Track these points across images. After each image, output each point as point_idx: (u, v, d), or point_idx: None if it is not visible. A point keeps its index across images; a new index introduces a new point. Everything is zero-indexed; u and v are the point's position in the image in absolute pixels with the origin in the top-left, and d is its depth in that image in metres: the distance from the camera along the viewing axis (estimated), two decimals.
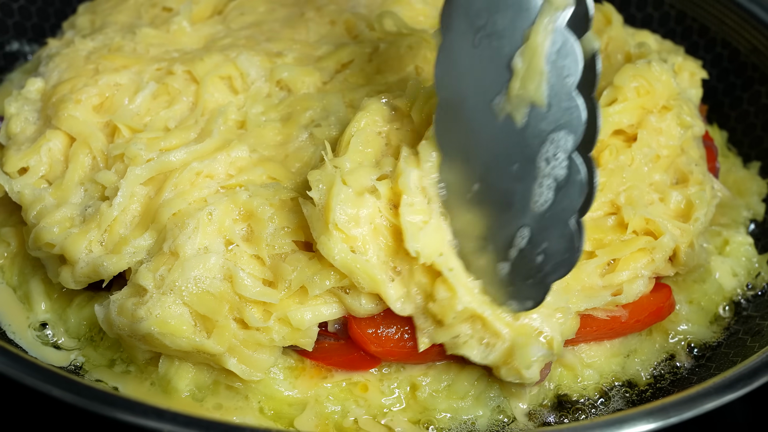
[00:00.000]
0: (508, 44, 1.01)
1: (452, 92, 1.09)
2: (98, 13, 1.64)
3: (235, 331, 1.14)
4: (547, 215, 1.04)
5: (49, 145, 1.33)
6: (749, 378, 1.09)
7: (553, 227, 1.04)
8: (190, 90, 1.39)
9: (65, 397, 1.02)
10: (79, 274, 1.22)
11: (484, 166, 1.08)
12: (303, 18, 1.55)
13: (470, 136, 1.09)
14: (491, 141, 1.06)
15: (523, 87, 1.01)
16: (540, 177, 1.04)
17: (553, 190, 1.03)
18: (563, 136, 1.01)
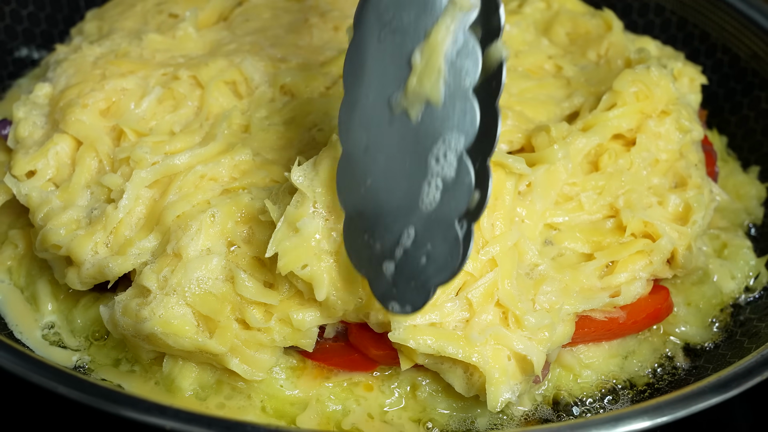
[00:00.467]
0: (411, 41, 1.03)
1: (356, 86, 1.09)
2: (106, 20, 1.67)
3: (237, 331, 1.16)
4: (433, 216, 1.04)
5: (56, 149, 1.35)
6: (743, 378, 1.10)
7: (437, 229, 1.04)
8: (195, 95, 1.41)
9: (71, 394, 1.04)
10: (85, 275, 1.24)
11: (378, 161, 1.08)
12: (307, 24, 1.57)
13: (368, 131, 1.09)
14: (387, 136, 1.07)
15: (420, 83, 1.02)
16: (429, 176, 1.04)
17: (440, 191, 1.03)
18: (455, 136, 1.02)
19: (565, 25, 1.62)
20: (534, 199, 1.28)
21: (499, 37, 1.00)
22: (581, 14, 1.64)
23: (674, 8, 1.81)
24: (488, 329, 1.16)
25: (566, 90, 1.47)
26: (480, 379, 1.15)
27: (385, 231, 1.07)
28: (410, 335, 1.13)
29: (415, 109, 1.04)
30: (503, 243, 1.19)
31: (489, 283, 1.17)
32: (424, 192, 1.04)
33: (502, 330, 1.16)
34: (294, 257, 1.12)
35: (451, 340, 1.14)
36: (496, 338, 1.16)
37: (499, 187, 1.21)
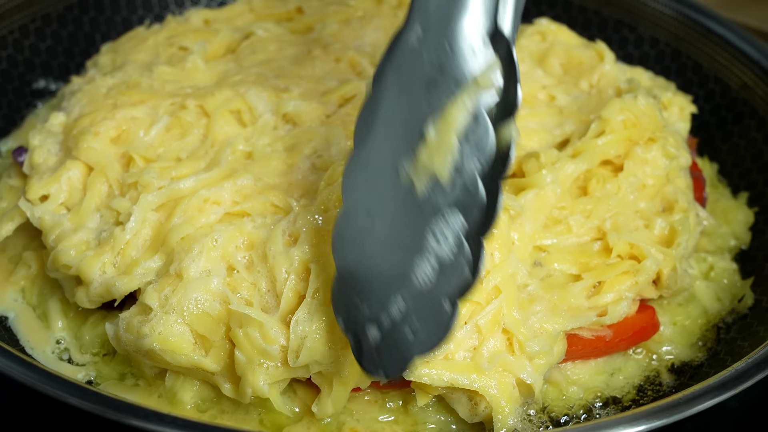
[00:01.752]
0: (426, 110, 1.03)
1: (366, 145, 1.08)
2: (119, 53, 1.74)
3: (230, 351, 1.20)
4: (424, 292, 1.03)
5: (68, 174, 1.41)
6: (720, 389, 1.15)
7: (426, 306, 1.03)
8: (201, 123, 1.47)
9: (80, 404, 1.08)
10: (93, 294, 1.30)
11: (377, 226, 1.07)
12: (310, 56, 1.64)
13: (373, 193, 1.08)
14: (390, 203, 1.06)
15: (430, 158, 1.02)
16: (426, 253, 1.03)
17: (435, 271, 1.02)
18: (456, 216, 1.02)
19: (559, 57, 1.68)
20: (524, 222, 1.34)
21: (512, 116, 1.00)
22: (575, 46, 1.70)
23: (668, 40, 1.87)
24: (496, 357, 1.21)
25: (558, 118, 1.53)
26: (486, 408, 1.21)
27: (374, 296, 1.06)
28: (425, 373, 1.18)
29: (422, 182, 1.03)
30: (504, 272, 1.25)
31: (495, 310, 1.23)
32: (419, 267, 1.03)
33: (508, 357, 1.22)
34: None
35: (463, 372, 1.19)
36: (504, 365, 1.21)
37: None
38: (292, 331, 1.17)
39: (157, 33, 1.75)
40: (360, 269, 1.08)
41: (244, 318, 1.18)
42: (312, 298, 1.18)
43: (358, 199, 1.09)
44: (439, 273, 1.02)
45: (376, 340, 1.06)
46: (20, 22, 1.80)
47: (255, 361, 1.18)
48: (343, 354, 1.17)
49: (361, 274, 1.08)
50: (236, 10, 1.85)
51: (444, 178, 1.02)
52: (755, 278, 1.47)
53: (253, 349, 1.18)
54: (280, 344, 1.18)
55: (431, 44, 1.03)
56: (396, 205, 1.05)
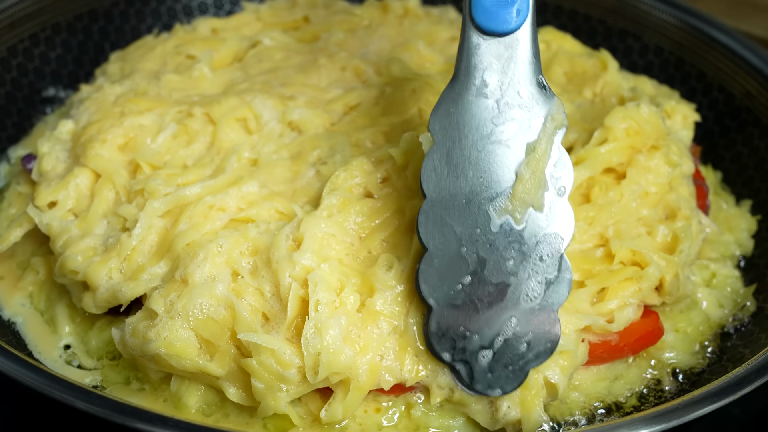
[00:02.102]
0: (513, 153, 1.16)
1: (443, 191, 1.18)
2: (128, 61, 1.76)
3: (235, 356, 1.22)
4: (536, 308, 1.18)
5: (76, 181, 1.43)
6: (719, 395, 1.15)
7: (540, 319, 1.18)
8: (207, 131, 1.49)
9: (87, 408, 1.09)
10: (100, 299, 1.32)
11: (478, 261, 1.18)
12: (316, 64, 1.66)
13: (462, 233, 1.18)
14: (488, 238, 1.17)
15: (527, 192, 1.16)
16: (533, 273, 1.17)
17: (543, 285, 1.17)
18: (556, 238, 1.17)
19: (563, 65, 1.69)
20: None
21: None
22: (579, 55, 1.71)
23: (672, 49, 1.88)
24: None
25: None
26: (507, 412, 1.23)
27: (485, 323, 1.18)
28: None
29: (520, 214, 1.16)
30: None
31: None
32: (528, 287, 1.17)
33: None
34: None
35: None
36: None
37: None
38: (305, 350, 1.18)
39: (165, 42, 1.78)
40: (465, 302, 1.19)
41: (253, 347, 1.19)
42: (315, 311, 1.19)
43: (445, 242, 1.18)
44: (547, 287, 1.18)
45: (489, 361, 1.19)
46: (30, 31, 1.82)
47: (275, 387, 1.20)
48: (360, 359, 1.19)
49: (467, 306, 1.19)
50: (243, 19, 1.87)
51: (540, 208, 1.16)
52: (757, 285, 1.48)
53: (270, 376, 1.19)
54: (296, 366, 1.19)
55: (501, 94, 1.17)
56: (493, 238, 1.17)
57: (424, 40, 1.78)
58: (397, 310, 1.23)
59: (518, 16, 1.14)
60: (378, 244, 1.29)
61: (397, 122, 1.52)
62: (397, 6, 1.88)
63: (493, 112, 1.16)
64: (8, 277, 1.48)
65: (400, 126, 1.50)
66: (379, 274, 1.24)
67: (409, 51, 1.71)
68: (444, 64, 1.69)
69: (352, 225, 1.31)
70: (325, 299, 1.20)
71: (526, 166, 1.16)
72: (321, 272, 1.21)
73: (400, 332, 1.22)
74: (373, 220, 1.31)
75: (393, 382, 1.22)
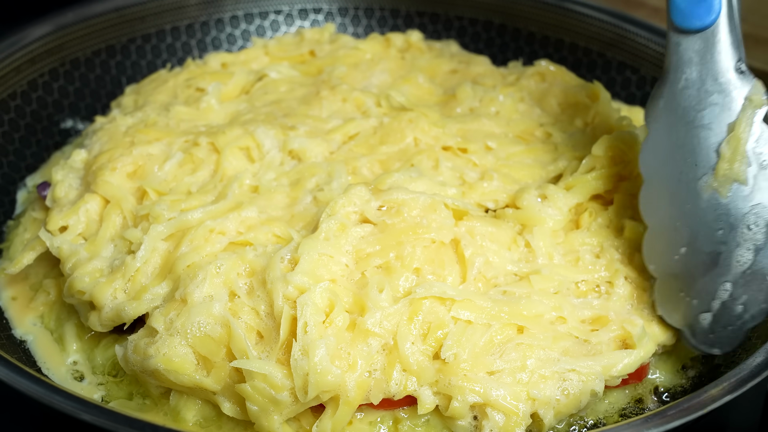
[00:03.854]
0: (714, 135, 1.28)
1: (658, 174, 1.33)
2: (141, 94, 1.84)
3: (231, 372, 1.27)
4: (747, 272, 1.29)
5: (86, 207, 1.50)
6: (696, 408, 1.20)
7: (752, 282, 1.29)
8: (212, 159, 1.56)
9: (93, 420, 1.14)
10: (105, 318, 1.38)
11: (691, 233, 1.31)
12: (318, 96, 1.73)
13: (676, 209, 1.32)
14: (698, 212, 1.30)
15: (730, 168, 1.27)
16: (742, 241, 1.29)
17: (752, 252, 1.29)
18: (762, 208, 1.27)
19: (557, 96, 1.75)
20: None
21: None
22: (573, 86, 1.77)
23: None
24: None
25: (553, 154, 1.59)
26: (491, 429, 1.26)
27: (702, 288, 1.32)
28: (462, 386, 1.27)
29: (725, 189, 1.28)
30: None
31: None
32: (738, 254, 1.29)
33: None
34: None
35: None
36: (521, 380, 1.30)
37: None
38: (294, 372, 1.22)
39: (177, 75, 1.86)
40: (682, 271, 1.34)
41: (246, 372, 1.24)
42: (304, 333, 1.24)
43: (663, 217, 1.34)
44: (757, 253, 1.29)
45: (709, 323, 1.33)
46: (50, 66, 1.91)
47: (268, 409, 1.25)
48: (347, 377, 1.24)
49: (685, 274, 1.34)
50: (252, 53, 1.95)
51: (744, 181, 1.27)
52: None
53: (264, 399, 1.24)
54: (288, 389, 1.24)
55: (702, 83, 1.29)
56: (703, 212, 1.30)
57: (426, 73, 1.85)
58: (387, 328, 1.28)
59: (711, 13, 1.25)
60: (372, 268, 1.35)
61: (393, 151, 1.58)
62: (399, 40, 1.96)
63: (695, 100, 1.29)
64: (21, 297, 1.55)
65: (396, 155, 1.57)
66: (371, 294, 1.29)
67: (409, 83, 1.77)
68: (442, 96, 1.76)
69: (348, 248, 1.36)
70: (314, 321, 1.24)
71: (727, 145, 1.27)
72: (310, 295, 1.26)
73: (389, 349, 1.27)
74: (369, 244, 1.37)
75: (381, 396, 1.27)
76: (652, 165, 1.34)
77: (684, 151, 1.30)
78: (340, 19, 2.21)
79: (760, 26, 2.33)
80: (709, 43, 1.27)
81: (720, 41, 1.27)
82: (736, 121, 1.27)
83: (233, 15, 2.16)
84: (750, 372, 1.25)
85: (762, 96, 1.26)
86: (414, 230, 1.36)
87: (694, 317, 1.34)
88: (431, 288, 1.30)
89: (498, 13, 2.15)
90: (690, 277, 1.33)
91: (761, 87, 1.27)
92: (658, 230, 1.35)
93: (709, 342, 1.35)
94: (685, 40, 1.29)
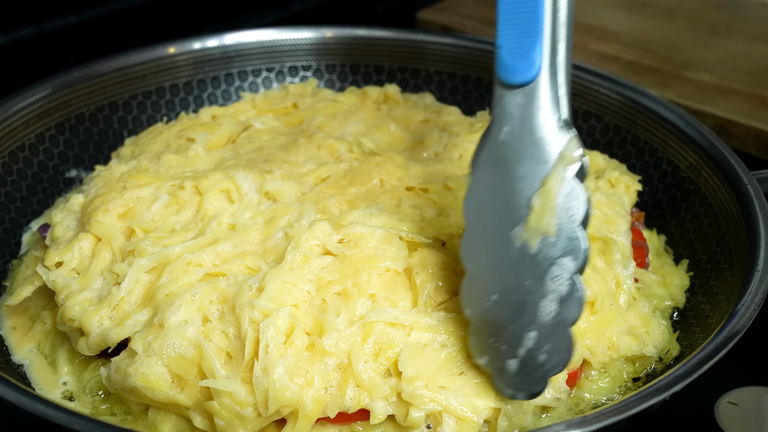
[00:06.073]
0: (528, 187, 1.31)
1: (477, 220, 1.37)
2: (138, 145, 2.01)
3: (202, 389, 1.39)
4: (551, 323, 1.32)
5: (80, 244, 1.65)
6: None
7: (555, 333, 1.32)
8: (195, 200, 1.71)
9: (85, 428, 1.27)
10: (92, 343, 1.52)
11: (502, 281, 1.34)
12: (296, 144, 1.88)
13: (491, 256, 1.35)
14: (509, 261, 1.33)
15: (539, 221, 1.30)
16: (547, 292, 1.31)
17: (556, 303, 1.31)
18: (568, 261, 1.30)
19: None
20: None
21: (585, 179, 1.30)
22: None
23: (629, 128, 2.07)
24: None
25: None
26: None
27: (510, 335, 1.35)
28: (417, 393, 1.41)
29: (535, 241, 1.30)
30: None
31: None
32: (543, 304, 1.31)
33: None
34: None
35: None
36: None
37: None
38: (255, 388, 1.35)
39: (171, 127, 2.02)
40: (493, 317, 1.37)
41: (214, 391, 1.37)
42: (265, 353, 1.37)
43: (479, 264, 1.37)
44: (560, 305, 1.31)
45: (515, 369, 1.36)
46: (57, 120, 2.08)
47: (234, 424, 1.38)
48: (305, 393, 1.36)
49: (495, 320, 1.37)
50: (241, 107, 2.11)
51: (552, 234, 1.29)
52: (680, 333, 1.63)
53: (230, 415, 1.37)
54: (251, 405, 1.37)
55: (520, 136, 1.31)
56: (514, 261, 1.33)
57: (400, 122, 2.00)
58: (342, 349, 1.41)
59: (531, 69, 1.30)
60: (331, 295, 1.48)
61: (360, 192, 1.72)
62: (376, 93, 2.12)
63: (514, 151, 1.32)
64: (20, 327, 1.70)
65: (363, 195, 1.71)
66: (329, 318, 1.42)
67: (381, 131, 1.93)
68: (411, 142, 1.91)
69: (310, 276, 1.50)
70: (274, 342, 1.37)
71: (539, 198, 1.30)
72: (272, 319, 1.39)
73: (344, 367, 1.40)
74: (329, 273, 1.50)
75: (337, 410, 1.40)
76: (473, 211, 1.37)
77: (501, 200, 1.33)
78: (328, 75, 2.38)
79: (726, 78, 2.47)
80: (529, 98, 1.30)
81: (540, 97, 1.29)
82: (547, 176, 1.29)
83: (228, 72, 2.33)
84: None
85: (574, 153, 1.29)
86: (370, 260, 1.49)
87: (502, 362, 1.37)
88: (382, 314, 1.43)
89: (473, 68, 2.31)
90: (500, 323, 1.36)
91: (576, 144, 1.29)
92: (475, 276, 1.38)
93: (514, 386, 1.38)
94: (508, 94, 1.31)
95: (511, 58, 1.30)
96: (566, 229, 1.29)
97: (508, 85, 1.31)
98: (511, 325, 1.35)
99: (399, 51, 2.34)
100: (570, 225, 1.29)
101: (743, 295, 1.47)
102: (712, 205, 1.81)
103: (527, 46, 1.29)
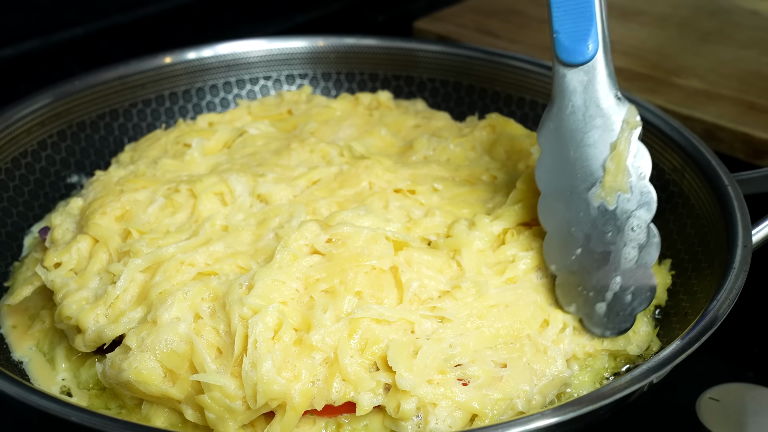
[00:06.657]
0: (599, 152, 1.51)
1: (552, 186, 1.54)
2: (137, 150, 2.06)
3: (193, 383, 1.44)
4: (633, 267, 1.51)
5: (78, 246, 1.70)
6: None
7: (637, 275, 1.51)
8: (189, 203, 1.76)
9: (83, 420, 1.31)
10: (88, 340, 1.56)
11: (584, 237, 1.52)
12: (288, 148, 1.93)
13: (570, 216, 1.53)
14: (589, 218, 1.51)
15: (614, 181, 1.49)
16: (628, 241, 1.50)
17: (637, 249, 1.51)
18: (643, 212, 1.50)
19: (505, 145, 1.94)
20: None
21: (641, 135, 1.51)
22: (519, 136, 1.96)
23: None
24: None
25: (493, 193, 1.78)
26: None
27: (596, 283, 1.53)
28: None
29: (612, 198, 1.50)
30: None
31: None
32: (626, 252, 1.51)
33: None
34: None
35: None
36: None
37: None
38: (244, 382, 1.40)
39: (169, 133, 2.08)
40: (578, 269, 1.54)
41: (204, 385, 1.42)
42: (254, 348, 1.42)
43: (558, 223, 1.55)
44: (641, 251, 1.51)
45: (604, 311, 1.54)
46: (59, 128, 2.13)
47: (224, 417, 1.42)
48: (292, 386, 1.41)
49: (581, 272, 1.54)
50: (237, 113, 2.17)
51: (627, 191, 1.50)
52: (661, 329, 1.67)
53: (220, 408, 1.42)
54: (241, 398, 1.41)
55: (586, 108, 1.51)
56: (594, 218, 1.52)
57: (391, 128, 2.06)
58: (329, 344, 1.45)
59: (591, 49, 1.48)
60: (319, 292, 1.53)
61: (350, 194, 1.78)
62: (368, 99, 2.17)
63: (581, 123, 1.50)
64: (20, 326, 1.75)
65: (352, 197, 1.76)
66: (316, 314, 1.47)
67: (372, 136, 1.98)
68: (401, 147, 1.96)
69: (298, 274, 1.54)
70: (262, 337, 1.42)
71: (611, 161, 1.49)
72: (260, 315, 1.44)
73: (330, 362, 1.45)
74: (317, 272, 1.55)
75: (324, 403, 1.44)
76: (546, 179, 1.55)
77: (574, 166, 1.51)
78: (324, 83, 2.44)
79: (715, 84, 2.51)
80: (590, 74, 1.49)
81: (599, 73, 1.49)
82: (616, 141, 1.49)
83: (226, 81, 2.38)
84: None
85: (636, 118, 1.49)
86: (357, 259, 1.54)
87: (591, 307, 1.54)
88: (368, 310, 1.48)
89: (466, 75, 2.36)
90: (586, 273, 1.53)
91: (635, 111, 1.49)
92: (556, 235, 1.56)
93: (603, 326, 1.55)
94: (570, 72, 1.50)
95: (570, 40, 1.48)
96: (638, 185, 1.50)
97: (569, 65, 1.50)
98: (596, 273, 1.53)
99: (393, 59, 2.39)
100: (641, 181, 1.50)
101: (719, 292, 1.51)
102: (695, 206, 1.85)
103: (584, 29, 1.48)
